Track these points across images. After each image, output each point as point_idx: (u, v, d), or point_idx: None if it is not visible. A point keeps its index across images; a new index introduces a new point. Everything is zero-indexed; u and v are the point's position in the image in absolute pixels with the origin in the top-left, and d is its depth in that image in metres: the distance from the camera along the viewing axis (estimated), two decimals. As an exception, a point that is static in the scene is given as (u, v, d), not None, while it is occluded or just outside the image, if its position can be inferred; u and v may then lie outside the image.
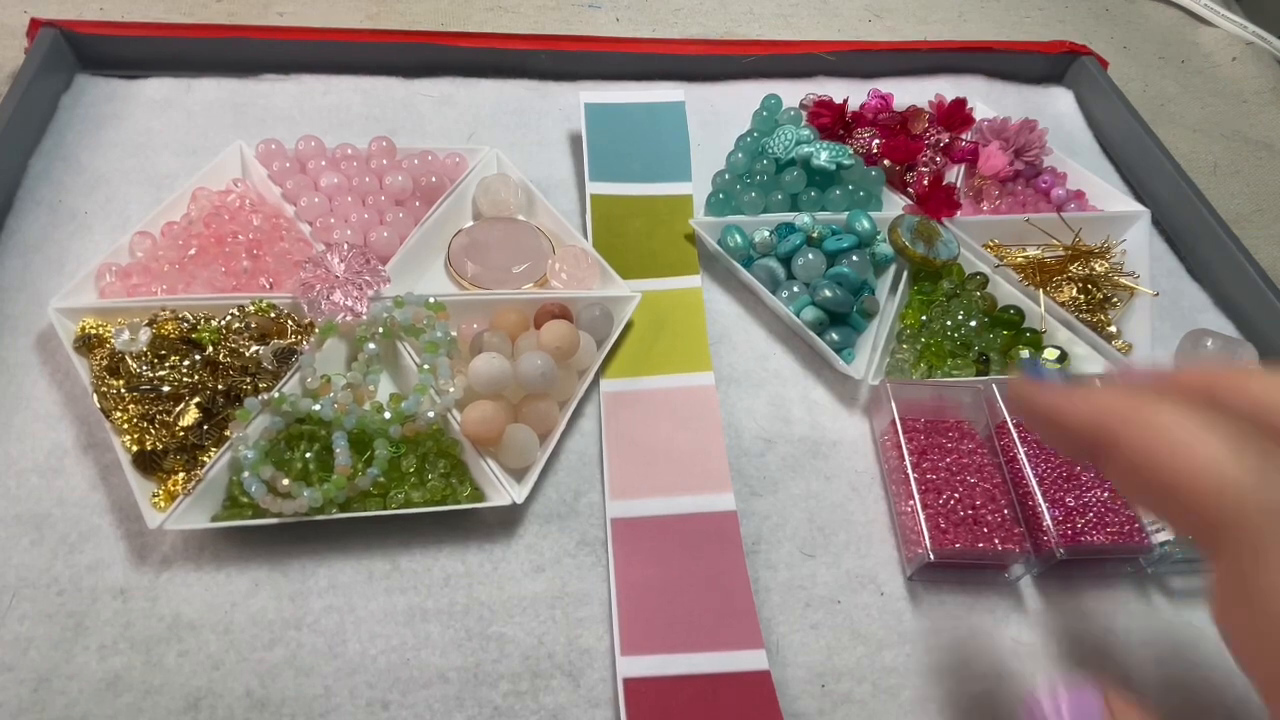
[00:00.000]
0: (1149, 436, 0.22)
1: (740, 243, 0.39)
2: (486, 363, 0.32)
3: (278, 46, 0.46)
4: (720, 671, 0.28)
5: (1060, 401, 0.26)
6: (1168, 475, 0.22)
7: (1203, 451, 0.21)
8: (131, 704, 0.27)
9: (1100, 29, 0.62)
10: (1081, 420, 0.25)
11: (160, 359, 0.32)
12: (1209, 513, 0.21)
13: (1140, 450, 0.23)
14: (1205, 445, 0.21)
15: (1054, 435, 0.26)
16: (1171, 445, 0.22)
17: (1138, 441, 0.23)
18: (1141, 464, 0.22)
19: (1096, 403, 0.24)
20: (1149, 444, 0.22)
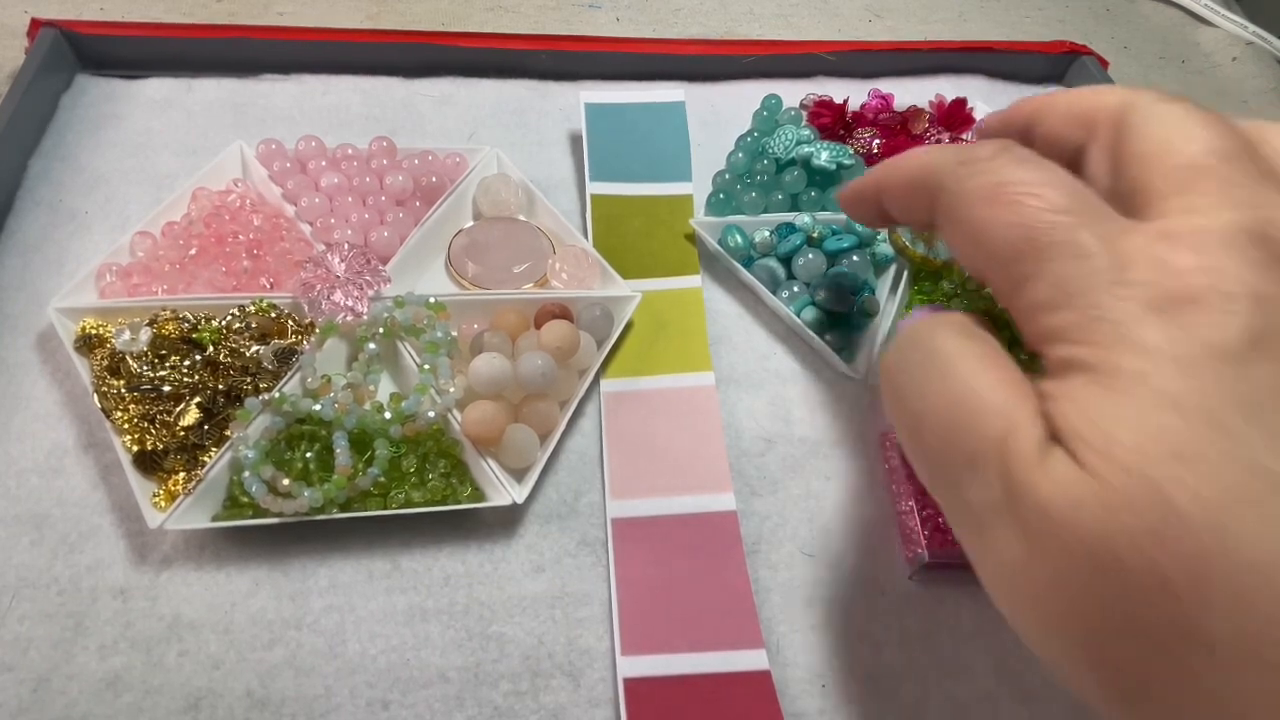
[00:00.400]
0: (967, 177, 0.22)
1: (740, 243, 0.39)
2: (486, 363, 0.32)
3: (278, 46, 0.46)
4: (720, 671, 0.28)
5: (884, 169, 0.26)
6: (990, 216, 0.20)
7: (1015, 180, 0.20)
8: (131, 704, 0.27)
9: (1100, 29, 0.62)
10: (906, 176, 0.25)
11: (160, 359, 0.32)
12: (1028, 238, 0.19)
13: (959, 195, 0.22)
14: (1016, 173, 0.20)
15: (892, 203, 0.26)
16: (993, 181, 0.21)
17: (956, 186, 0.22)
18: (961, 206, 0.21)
19: (920, 157, 0.24)
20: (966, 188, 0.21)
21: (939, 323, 0.23)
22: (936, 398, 0.21)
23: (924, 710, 0.29)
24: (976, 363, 0.21)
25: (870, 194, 0.28)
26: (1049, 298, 0.19)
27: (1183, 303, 0.17)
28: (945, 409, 0.20)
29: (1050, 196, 0.20)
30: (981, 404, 0.20)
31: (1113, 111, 0.22)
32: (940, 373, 0.21)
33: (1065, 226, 0.19)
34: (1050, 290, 0.19)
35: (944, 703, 0.29)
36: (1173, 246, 0.18)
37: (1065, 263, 0.19)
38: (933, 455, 0.21)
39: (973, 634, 0.31)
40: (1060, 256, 0.19)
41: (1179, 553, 0.16)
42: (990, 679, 0.30)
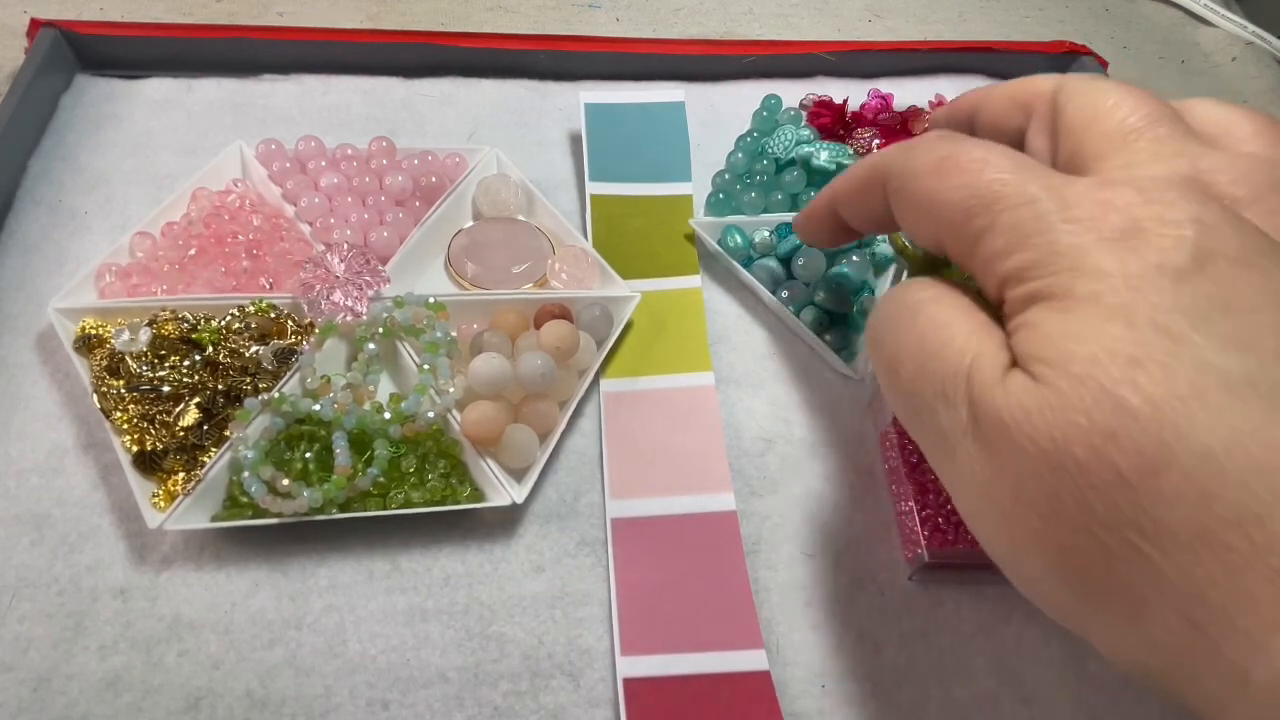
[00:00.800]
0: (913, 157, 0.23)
1: (740, 243, 0.39)
2: (486, 363, 0.32)
3: (278, 46, 0.46)
4: (720, 671, 0.28)
5: (831, 185, 0.29)
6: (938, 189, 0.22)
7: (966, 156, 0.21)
8: (131, 704, 0.27)
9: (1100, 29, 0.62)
10: (855, 179, 0.27)
11: (160, 359, 0.32)
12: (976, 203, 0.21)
13: (906, 172, 0.23)
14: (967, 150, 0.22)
15: (847, 210, 0.28)
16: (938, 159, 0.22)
17: (903, 165, 0.23)
18: (909, 183, 0.23)
19: (866, 160, 0.26)
20: (913, 165, 0.23)
21: (912, 281, 0.25)
22: (909, 337, 0.23)
23: (924, 710, 0.29)
24: (945, 305, 0.23)
25: (823, 211, 0.30)
26: (1004, 244, 0.20)
27: (1130, 233, 0.18)
28: (916, 345, 0.22)
29: (994, 160, 0.21)
30: (949, 337, 0.21)
31: (1046, 93, 0.24)
32: (912, 317, 0.23)
33: (1012, 182, 0.20)
34: (1004, 237, 0.20)
35: (944, 703, 0.29)
36: (1114, 190, 0.19)
37: (1016, 210, 0.20)
38: (907, 388, 0.23)
39: (973, 634, 0.31)
40: (1011, 205, 0.20)
41: (1131, 449, 0.17)
42: (990, 679, 0.30)
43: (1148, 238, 0.18)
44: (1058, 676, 0.30)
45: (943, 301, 0.23)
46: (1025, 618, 0.31)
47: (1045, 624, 0.31)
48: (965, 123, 0.28)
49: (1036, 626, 0.31)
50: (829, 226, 0.30)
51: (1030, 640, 0.31)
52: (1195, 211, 0.18)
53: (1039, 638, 0.31)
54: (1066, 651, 0.31)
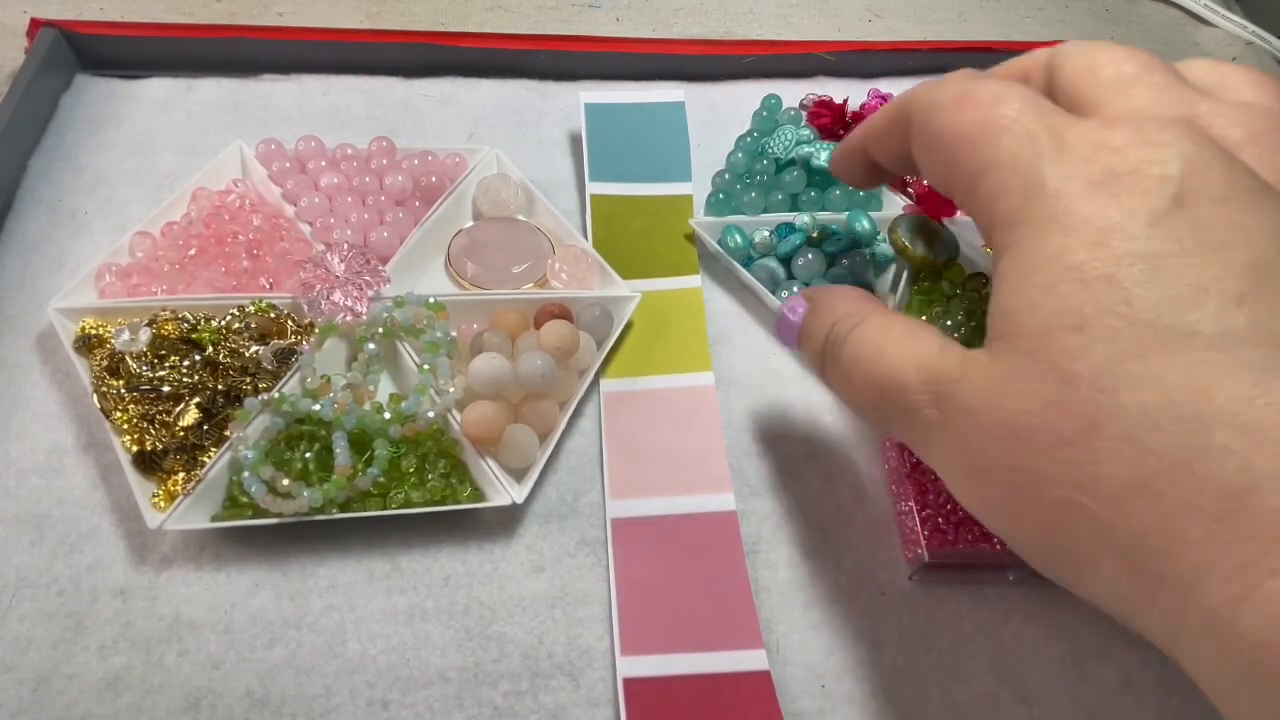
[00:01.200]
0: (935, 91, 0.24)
1: (740, 243, 0.39)
2: (486, 363, 0.32)
3: (277, 46, 0.46)
4: (720, 671, 0.28)
5: (866, 121, 0.29)
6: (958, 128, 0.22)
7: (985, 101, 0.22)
8: (131, 704, 0.27)
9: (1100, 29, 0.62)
10: (885, 115, 0.27)
11: (160, 359, 0.32)
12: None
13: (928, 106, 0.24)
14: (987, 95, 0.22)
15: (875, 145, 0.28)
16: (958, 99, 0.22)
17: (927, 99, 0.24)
18: (930, 117, 0.23)
19: (896, 98, 0.27)
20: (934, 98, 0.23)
21: (824, 312, 0.26)
22: (855, 374, 0.24)
23: (924, 710, 0.29)
24: (874, 331, 0.24)
25: (856, 146, 0.30)
26: (998, 181, 0.21)
27: (1118, 175, 0.19)
28: (865, 380, 0.24)
29: (1009, 98, 0.22)
30: (890, 359, 0.23)
31: (1042, 61, 0.25)
32: (849, 355, 0.24)
33: (1018, 119, 0.21)
34: (998, 174, 0.21)
35: (944, 703, 0.29)
36: (1112, 130, 0.20)
37: (1016, 145, 0.20)
38: (880, 422, 0.24)
39: (973, 634, 0.31)
40: (1012, 141, 0.21)
41: (1073, 414, 0.17)
42: (990, 679, 0.30)
43: (1134, 179, 0.18)
44: (1057, 676, 0.30)
45: (867, 327, 0.24)
46: (1025, 618, 0.31)
47: (1045, 624, 0.31)
48: None
49: (1036, 626, 0.31)
50: (862, 164, 0.30)
51: (1030, 640, 0.31)
52: (1188, 151, 0.18)
53: (1039, 638, 0.31)
54: (1066, 651, 0.31)
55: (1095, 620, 0.32)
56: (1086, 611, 0.32)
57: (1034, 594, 0.32)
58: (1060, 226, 0.19)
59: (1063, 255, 0.18)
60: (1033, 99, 0.22)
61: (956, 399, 0.20)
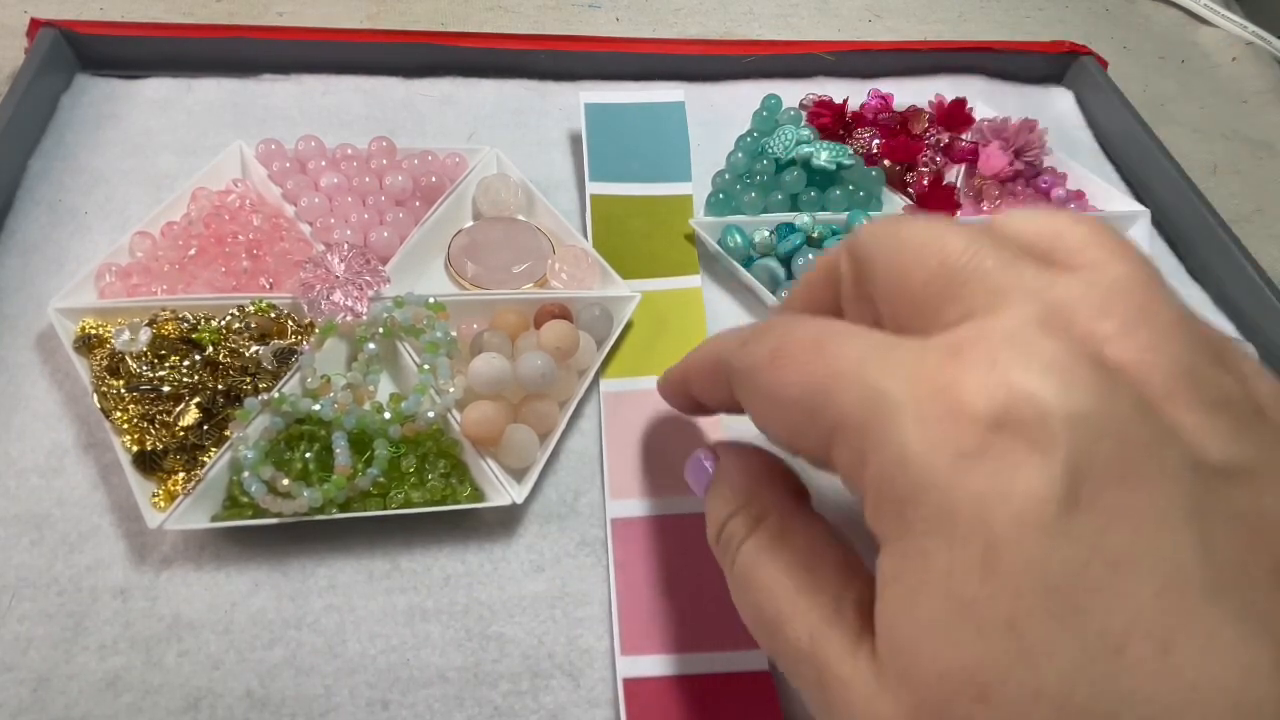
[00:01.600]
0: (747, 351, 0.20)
1: (740, 243, 0.39)
2: (486, 363, 0.32)
3: (277, 46, 0.46)
4: (720, 671, 0.28)
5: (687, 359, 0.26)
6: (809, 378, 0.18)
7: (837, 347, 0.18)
8: (131, 704, 0.27)
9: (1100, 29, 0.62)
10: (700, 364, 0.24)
11: (160, 359, 0.32)
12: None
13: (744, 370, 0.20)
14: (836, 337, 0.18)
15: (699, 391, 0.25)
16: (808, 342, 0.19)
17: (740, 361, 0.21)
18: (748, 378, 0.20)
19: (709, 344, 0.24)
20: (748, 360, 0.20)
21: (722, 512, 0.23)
22: (744, 603, 0.21)
23: (924, 710, 0.29)
24: (766, 554, 0.21)
25: (677, 384, 0.27)
26: (850, 457, 0.17)
27: (987, 451, 0.15)
28: (755, 616, 0.21)
29: (828, 342, 0.18)
30: (780, 608, 0.19)
31: (838, 259, 0.21)
32: (740, 574, 0.21)
33: (852, 372, 0.17)
34: (850, 447, 0.17)
35: (944, 703, 0.29)
36: (960, 367, 0.15)
37: (858, 409, 0.17)
38: (766, 652, 0.21)
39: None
40: (852, 404, 0.17)
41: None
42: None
43: (1010, 452, 0.14)
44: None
45: (761, 546, 0.21)
46: (1025, 618, 0.31)
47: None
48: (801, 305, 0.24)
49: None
50: (686, 401, 0.27)
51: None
52: (1061, 399, 0.14)
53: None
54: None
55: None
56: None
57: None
58: (940, 531, 0.15)
59: (951, 580, 0.15)
60: (859, 339, 0.18)
61: (838, 707, 0.17)
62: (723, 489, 0.24)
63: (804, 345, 0.18)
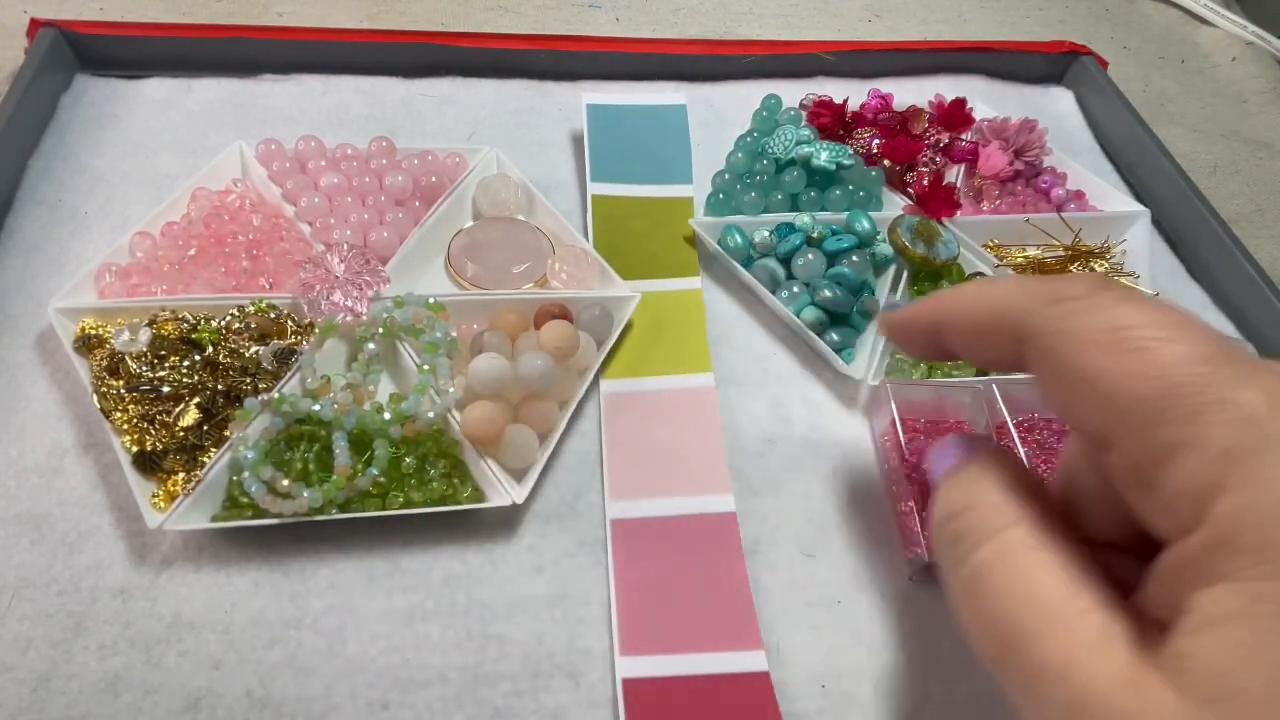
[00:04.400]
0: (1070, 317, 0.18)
1: (740, 243, 0.39)
2: (486, 363, 0.32)
3: (278, 46, 0.46)
4: (720, 672, 0.28)
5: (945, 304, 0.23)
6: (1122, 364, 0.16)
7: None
8: (131, 704, 0.27)
9: (1100, 29, 0.62)
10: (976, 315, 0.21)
11: (160, 359, 0.32)
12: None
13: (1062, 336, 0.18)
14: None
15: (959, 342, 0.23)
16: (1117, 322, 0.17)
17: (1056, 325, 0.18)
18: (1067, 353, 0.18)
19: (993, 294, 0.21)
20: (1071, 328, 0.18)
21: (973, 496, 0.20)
22: (981, 606, 0.18)
23: (924, 710, 0.29)
24: (1023, 556, 0.18)
25: (925, 328, 0.24)
26: (1209, 476, 0.15)
27: None
28: (991, 623, 0.18)
29: (1188, 339, 0.16)
30: (1032, 617, 0.17)
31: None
32: (981, 572, 0.19)
33: (1218, 379, 0.15)
34: (1210, 468, 0.15)
35: (944, 703, 0.29)
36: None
37: (1229, 428, 0.15)
38: (992, 668, 0.19)
39: (972, 634, 0.31)
40: (1222, 421, 0.15)
41: None
42: (990, 679, 0.30)
43: None
44: (1058, 677, 0.30)
45: (1017, 547, 0.18)
46: (1025, 618, 0.31)
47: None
48: None
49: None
50: (929, 346, 0.24)
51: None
52: None
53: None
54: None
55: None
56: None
57: (1034, 594, 0.32)
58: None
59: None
60: (1219, 343, 0.16)
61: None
62: (975, 477, 0.21)
63: (1152, 333, 0.16)
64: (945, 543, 0.20)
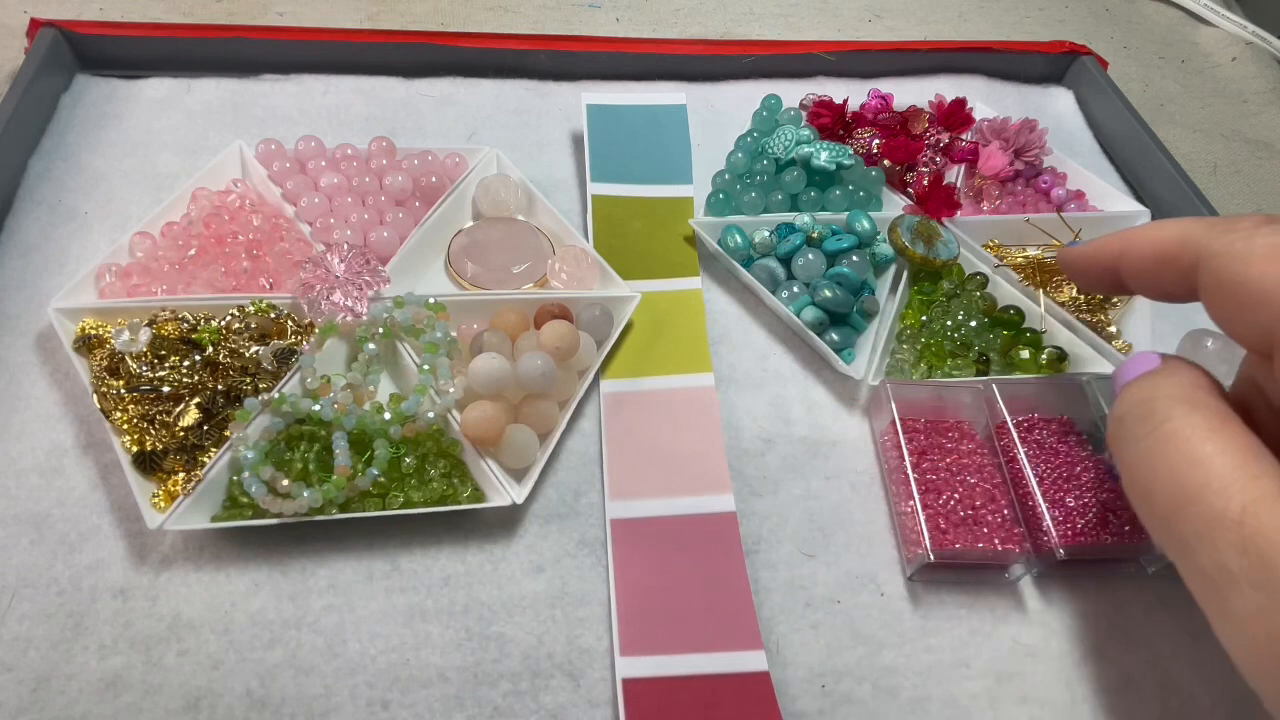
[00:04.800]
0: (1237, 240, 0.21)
1: (740, 243, 0.39)
2: (486, 363, 0.32)
3: (278, 46, 0.46)
4: (720, 672, 0.28)
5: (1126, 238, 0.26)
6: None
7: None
8: (131, 704, 0.27)
9: (1100, 29, 0.62)
10: (1155, 246, 0.25)
11: (160, 359, 0.32)
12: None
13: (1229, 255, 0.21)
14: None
15: (1135, 273, 0.26)
16: None
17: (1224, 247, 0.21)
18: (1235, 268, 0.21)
19: (1171, 227, 0.24)
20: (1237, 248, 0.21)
21: (1155, 388, 0.23)
22: (1159, 470, 0.21)
23: (924, 710, 0.29)
24: (1200, 434, 0.21)
25: (1107, 262, 0.27)
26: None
27: None
28: (1169, 481, 0.21)
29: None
30: (1208, 477, 0.20)
31: None
32: (1161, 446, 0.21)
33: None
34: None
35: (944, 703, 0.29)
36: None
37: None
38: (1162, 520, 0.21)
39: (972, 634, 0.31)
40: None
41: None
42: (990, 679, 0.30)
43: None
44: (1056, 676, 0.30)
45: (1198, 429, 0.21)
46: (1024, 617, 0.31)
47: (1045, 624, 0.31)
48: None
49: (1036, 626, 0.31)
50: (1108, 279, 0.28)
51: (1030, 640, 0.31)
52: None
53: (1039, 637, 0.31)
54: (1066, 651, 0.31)
55: (1095, 620, 0.32)
56: (1086, 611, 0.32)
57: (1033, 594, 0.32)
58: None
59: None
60: None
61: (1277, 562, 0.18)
62: (1163, 376, 0.24)
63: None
64: (1128, 424, 0.23)
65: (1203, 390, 0.22)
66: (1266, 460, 0.20)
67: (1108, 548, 0.31)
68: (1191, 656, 0.31)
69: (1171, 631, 0.31)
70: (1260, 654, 0.19)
